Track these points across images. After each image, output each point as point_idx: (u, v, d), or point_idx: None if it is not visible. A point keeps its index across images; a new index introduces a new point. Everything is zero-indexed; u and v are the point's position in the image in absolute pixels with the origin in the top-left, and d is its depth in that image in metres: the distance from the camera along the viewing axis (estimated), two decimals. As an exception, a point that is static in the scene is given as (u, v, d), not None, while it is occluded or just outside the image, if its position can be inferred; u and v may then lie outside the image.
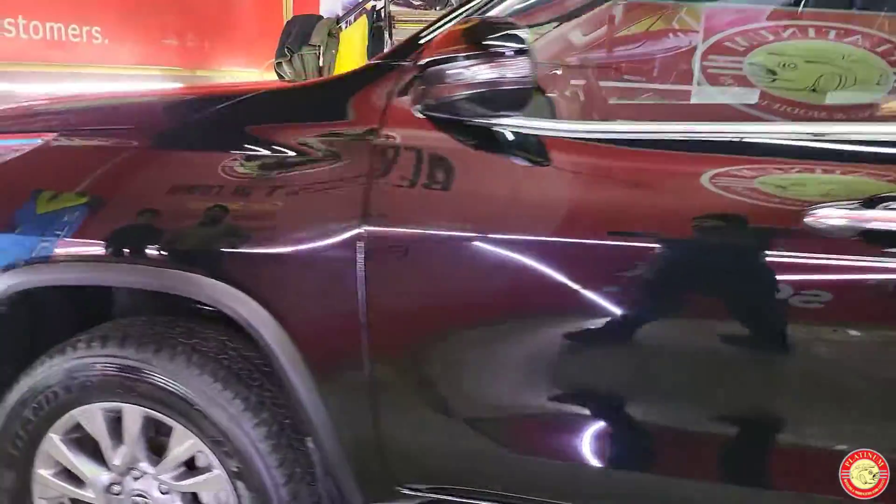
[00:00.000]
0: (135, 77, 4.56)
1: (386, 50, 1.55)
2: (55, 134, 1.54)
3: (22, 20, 3.67)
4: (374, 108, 1.41)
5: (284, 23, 5.51)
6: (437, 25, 1.43)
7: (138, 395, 1.51)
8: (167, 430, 1.56)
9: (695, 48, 1.86)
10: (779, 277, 1.21)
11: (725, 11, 1.92)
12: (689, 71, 1.87)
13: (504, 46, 1.20)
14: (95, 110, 1.69)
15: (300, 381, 1.43)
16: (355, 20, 5.59)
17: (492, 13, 1.37)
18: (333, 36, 5.42)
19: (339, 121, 1.44)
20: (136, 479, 1.60)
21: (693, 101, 1.84)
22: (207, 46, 5.17)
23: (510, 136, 1.37)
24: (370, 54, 5.60)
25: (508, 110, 1.27)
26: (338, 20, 5.52)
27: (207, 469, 1.57)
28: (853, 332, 1.23)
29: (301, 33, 5.24)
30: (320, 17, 5.50)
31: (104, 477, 1.60)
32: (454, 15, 1.42)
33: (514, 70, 1.20)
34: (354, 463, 1.48)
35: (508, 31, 1.21)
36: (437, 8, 5.35)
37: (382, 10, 5.50)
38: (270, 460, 1.49)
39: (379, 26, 5.54)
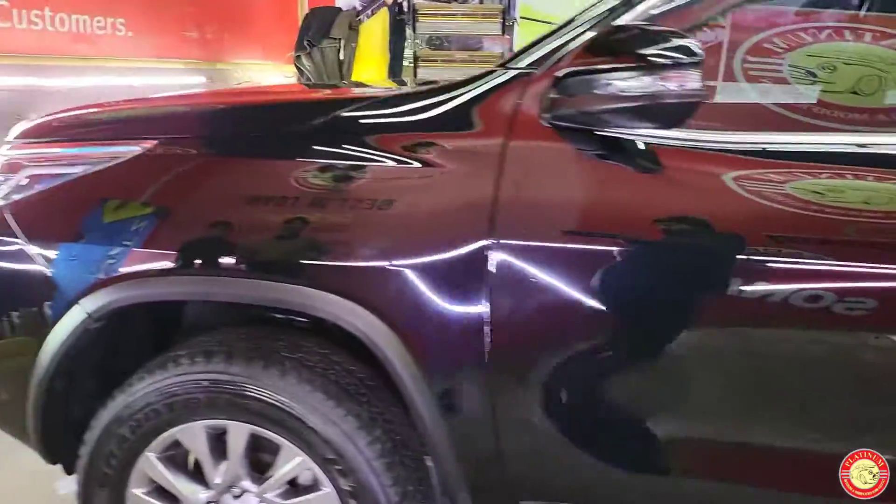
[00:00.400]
0: (157, 70, 4.46)
1: (506, 56, 1.48)
2: (155, 142, 1.47)
3: (49, 12, 3.56)
4: (500, 117, 1.35)
5: (302, 15, 5.41)
6: (562, 33, 1.37)
7: (247, 412, 1.45)
8: (267, 447, 1.51)
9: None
10: None
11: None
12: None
13: (672, 57, 1.15)
14: (193, 117, 1.61)
15: (420, 396, 1.38)
16: (373, 13, 5.52)
17: (623, 20, 1.32)
18: (353, 29, 5.35)
19: (465, 130, 1.38)
20: (235, 497, 1.54)
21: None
22: (227, 39, 5.07)
23: (642, 147, 1.32)
24: (392, 48, 5.53)
25: (673, 124, 1.22)
26: (357, 13, 5.44)
27: (312, 487, 1.52)
28: None
29: (321, 26, 5.17)
30: (339, 10, 5.43)
31: (202, 495, 1.55)
32: (581, 23, 1.36)
33: (682, 82, 1.15)
34: (473, 478, 1.44)
35: (679, 42, 1.15)
36: (460, 1, 5.27)
37: (405, 2, 5.42)
38: (385, 479, 1.44)
39: (401, 19, 5.46)
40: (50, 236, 1.47)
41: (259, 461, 1.54)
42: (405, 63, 5.50)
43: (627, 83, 1.18)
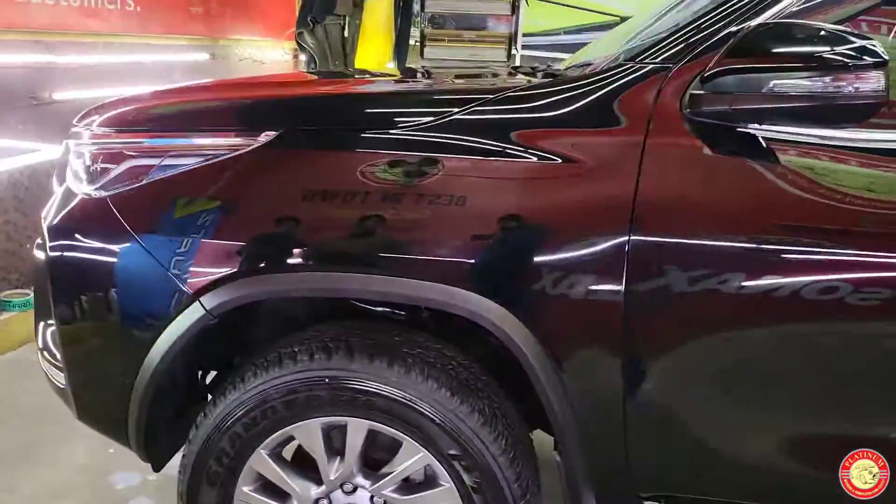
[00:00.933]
0: (164, 47, 4.32)
1: (635, 49, 1.45)
2: (277, 132, 1.42)
3: (61, -14, 3.42)
4: (638, 113, 1.34)
5: (304, -10, 5.26)
6: (696, 26, 1.36)
7: (370, 409, 1.43)
8: (379, 443, 1.50)
9: None
10: None
11: None
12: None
13: (853, 58, 1.14)
14: (311, 108, 1.54)
15: (555, 393, 1.38)
16: (378, -11, 5.41)
17: (767, 14, 1.31)
18: (358, 6, 5.24)
19: (603, 126, 1.36)
20: (346, 493, 1.53)
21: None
22: (228, 15, 4.93)
23: (789, 145, 1.32)
24: (398, 27, 5.43)
25: (849, 123, 1.22)
26: (362, -12, 5.32)
27: (427, 483, 1.51)
28: None
29: (324, 2, 5.04)
30: (343, -15, 5.29)
31: (313, 492, 1.53)
32: (717, 17, 1.34)
33: (863, 83, 1.15)
34: (597, 472, 1.44)
35: (861, 43, 1.15)
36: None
37: (412, -22, 5.32)
38: (509, 473, 1.44)
39: (408, -4, 5.36)
40: (166, 230, 1.42)
41: (370, 457, 1.53)
42: (411, 42, 5.43)
43: (796, 82, 1.18)
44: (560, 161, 1.34)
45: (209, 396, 1.75)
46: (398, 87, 1.90)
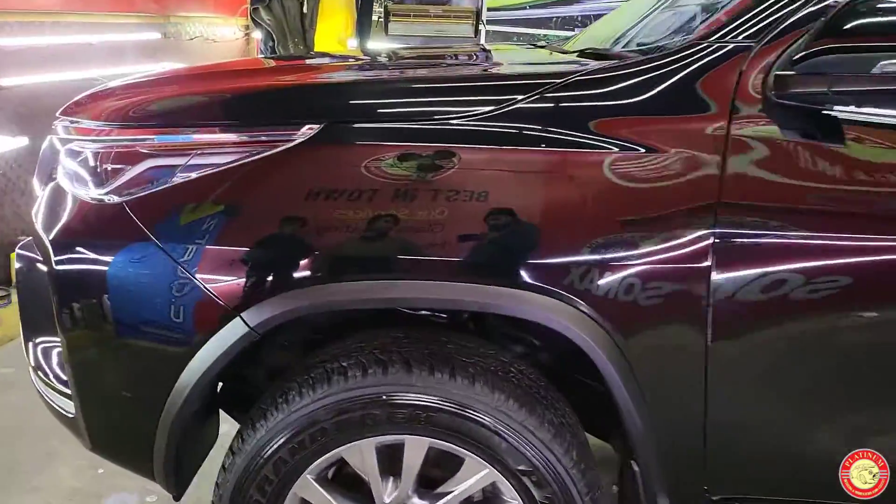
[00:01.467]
0: (113, 26, 4.01)
1: (704, 27, 1.34)
2: (321, 125, 1.26)
3: (2, -39, 3.10)
4: (720, 96, 1.23)
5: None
6: (776, 3, 1.26)
7: (431, 425, 1.31)
8: (434, 460, 1.38)
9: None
10: None
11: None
12: None
13: None
14: (359, 98, 1.38)
15: (635, 402, 1.28)
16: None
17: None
18: (317, -20, 5.00)
19: (684, 111, 1.26)
20: (400, 515, 1.41)
21: None
22: (179, -10, 4.64)
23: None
24: (359, 2, 5.21)
25: None
26: (320, -38, 5.08)
27: (490, 501, 1.41)
28: None
29: (281, -23, 4.80)
30: (299, -41, 5.04)
31: (364, 515, 1.41)
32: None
33: None
34: (675, 477, 1.37)
35: None
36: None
37: (373, -49, 5.09)
38: (581, 486, 1.35)
39: (369, -29, 5.14)
40: (197, 239, 1.26)
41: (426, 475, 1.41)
42: (374, 18, 5.22)
43: None
44: (643, 150, 1.23)
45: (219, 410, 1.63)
46: (447, 71, 1.71)
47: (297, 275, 1.25)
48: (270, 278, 1.25)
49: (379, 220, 1.23)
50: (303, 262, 1.25)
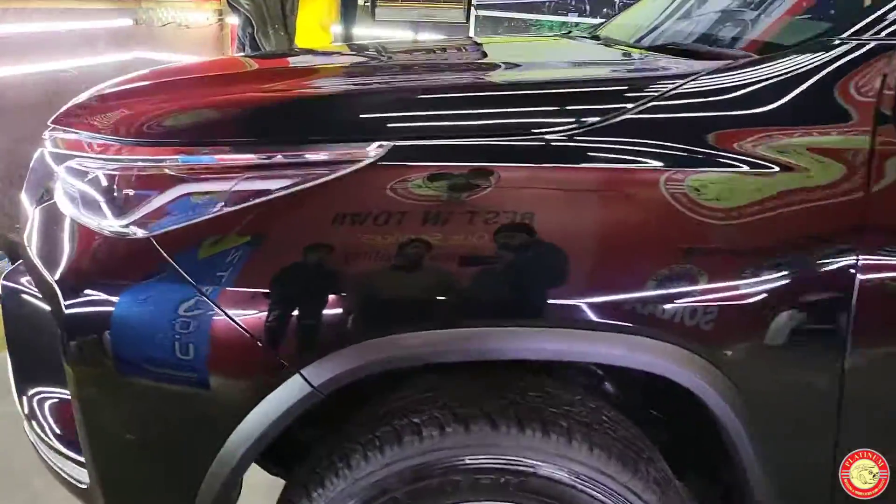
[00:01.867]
0: (82, 13, 3.71)
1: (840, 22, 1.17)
2: (391, 144, 1.05)
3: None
4: (862, 103, 1.07)
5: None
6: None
7: (522, 492, 1.12)
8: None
9: None
10: None
11: None
12: None
13: None
14: (433, 111, 1.18)
15: (759, 462, 1.12)
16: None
17: None
18: (297, -39, 4.71)
19: (821, 122, 1.08)
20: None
21: None
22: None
23: None
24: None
25: None
26: (301, -57, 4.78)
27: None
28: None
29: (260, -42, 4.50)
30: (279, -61, 4.74)
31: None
32: None
33: None
34: None
35: None
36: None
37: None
38: (689, 552, 1.18)
39: (354, -48, 4.86)
40: (246, 282, 1.04)
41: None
42: (360, 2, 4.95)
43: None
44: (778, 169, 1.05)
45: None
46: (533, 74, 1.47)
47: (372, 325, 1.05)
48: (337, 328, 1.04)
49: (469, 256, 1.03)
50: (375, 309, 1.05)
